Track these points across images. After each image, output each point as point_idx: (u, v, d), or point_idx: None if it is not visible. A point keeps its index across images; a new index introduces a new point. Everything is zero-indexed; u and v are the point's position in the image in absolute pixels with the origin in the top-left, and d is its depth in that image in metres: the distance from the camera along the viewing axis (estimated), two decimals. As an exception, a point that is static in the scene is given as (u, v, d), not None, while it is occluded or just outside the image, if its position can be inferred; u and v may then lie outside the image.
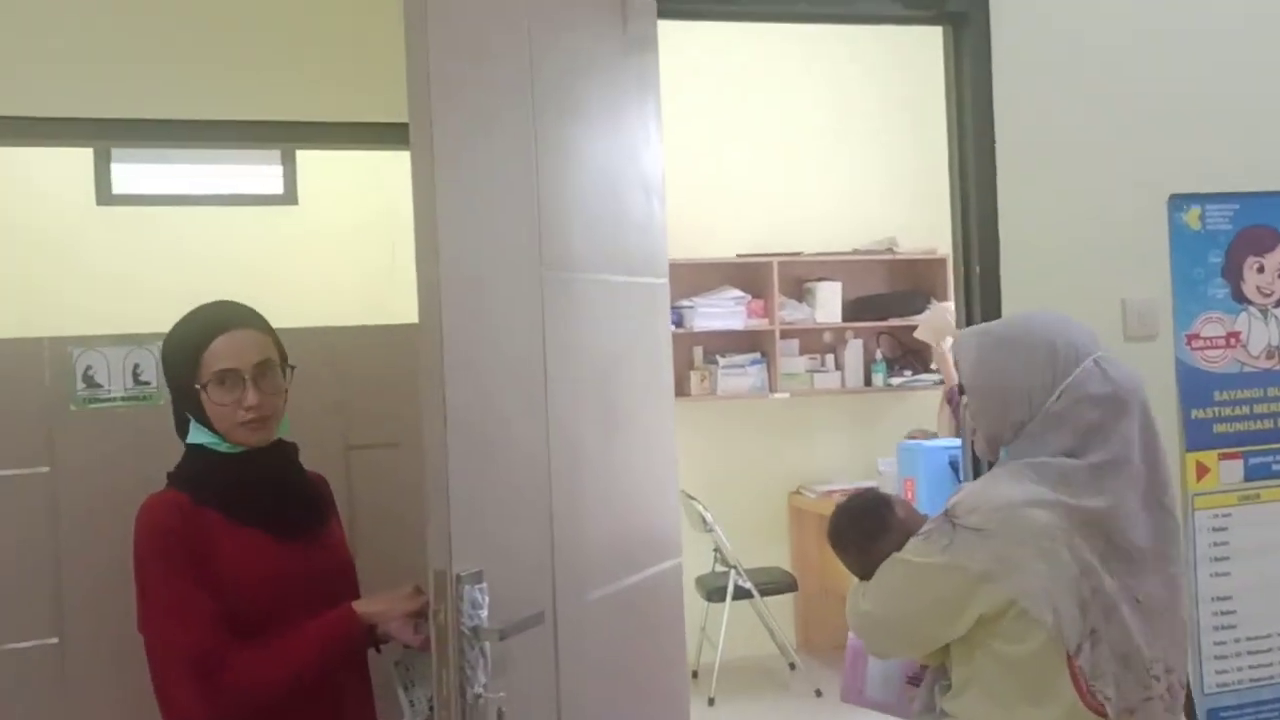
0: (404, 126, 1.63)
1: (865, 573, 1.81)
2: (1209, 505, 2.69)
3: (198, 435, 1.85)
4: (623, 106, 2.18)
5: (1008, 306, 2.60)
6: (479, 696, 1.58)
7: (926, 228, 5.54)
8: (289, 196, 4.68)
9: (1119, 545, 1.65)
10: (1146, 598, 1.67)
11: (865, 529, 1.86)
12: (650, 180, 2.25)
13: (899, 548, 1.76)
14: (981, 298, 2.60)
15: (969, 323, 2.64)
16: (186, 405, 1.85)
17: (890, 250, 5.66)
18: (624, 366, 2.14)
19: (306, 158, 4.56)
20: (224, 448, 1.84)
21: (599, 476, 2.04)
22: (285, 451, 1.91)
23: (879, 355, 5.72)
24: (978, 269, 2.61)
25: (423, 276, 1.61)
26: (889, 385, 5.67)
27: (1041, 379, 1.70)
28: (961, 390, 1.84)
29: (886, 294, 5.72)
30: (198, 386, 1.81)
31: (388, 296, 3.80)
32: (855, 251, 5.65)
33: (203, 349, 1.81)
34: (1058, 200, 2.67)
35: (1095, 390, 1.69)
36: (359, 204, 4.47)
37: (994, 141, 2.62)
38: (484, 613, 1.60)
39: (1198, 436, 2.70)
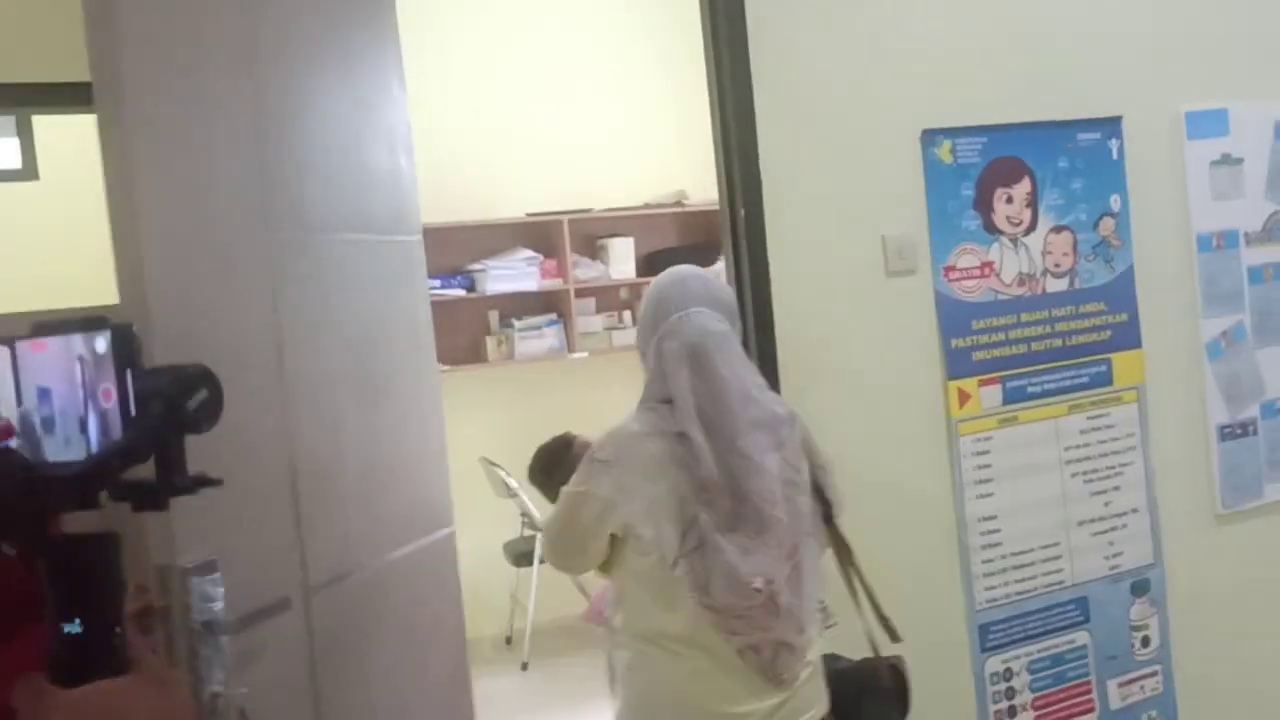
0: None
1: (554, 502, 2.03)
2: (971, 431, 2.80)
3: None
4: (357, 55, 2.05)
5: (773, 250, 2.62)
6: (217, 695, 1.46)
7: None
8: (28, 171, 4.29)
9: (702, 481, 1.80)
10: (742, 527, 1.82)
11: (544, 465, 2.28)
12: (395, 134, 2.14)
13: None
14: (749, 243, 2.61)
15: (738, 268, 2.65)
16: None
17: (680, 203, 5.67)
18: (380, 330, 2.04)
19: (46, 127, 4.18)
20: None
21: (358, 449, 1.93)
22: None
23: (675, 308, 5.76)
24: (743, 213, 2.61)
25: (121, 256, 1.46)
26: (687, 337, 5.71)
27: (647, 329, 1.93)
28: None
29: (678, 247, 5.73)
30: None
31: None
32: (646, 206, 5.64)
33: None
34: (817, 142, 2.69)
35: (668, 345, 1.88)
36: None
37: (751, 86, 2.61)
38: (218, 605, 1.48)
39: (958, 365, 2.79)
